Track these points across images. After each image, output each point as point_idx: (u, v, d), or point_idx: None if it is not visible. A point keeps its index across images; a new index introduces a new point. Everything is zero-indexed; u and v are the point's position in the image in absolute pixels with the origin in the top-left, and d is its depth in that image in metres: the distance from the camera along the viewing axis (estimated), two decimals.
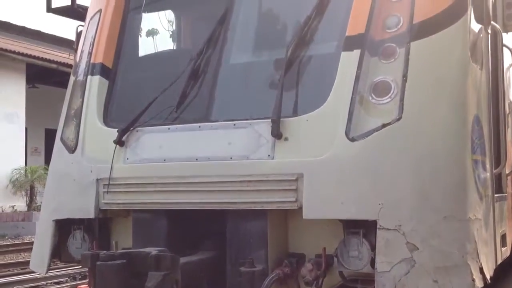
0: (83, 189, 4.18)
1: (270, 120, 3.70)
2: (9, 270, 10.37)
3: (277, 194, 3.63)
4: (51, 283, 9.03)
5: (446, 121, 3.56)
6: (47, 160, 17.52)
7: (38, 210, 16.32)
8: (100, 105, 4.43)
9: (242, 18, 4.39)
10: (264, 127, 3.74)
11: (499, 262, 4.18)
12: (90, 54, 4.60)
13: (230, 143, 3.84)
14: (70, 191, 4.27)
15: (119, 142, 4.14)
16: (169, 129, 4.08)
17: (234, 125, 3.87)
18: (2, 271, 10.13)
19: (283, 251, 3.80)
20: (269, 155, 3.70)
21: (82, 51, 4.74)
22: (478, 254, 3.50)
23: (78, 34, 5.02)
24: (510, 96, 5.16)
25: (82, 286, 5.18)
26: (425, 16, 3.63)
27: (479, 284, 3.46)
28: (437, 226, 3.38)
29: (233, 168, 3.78)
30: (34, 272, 6.73)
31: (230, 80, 4.25)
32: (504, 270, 5.07)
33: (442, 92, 3.59)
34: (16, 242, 14.83)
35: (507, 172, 4.75)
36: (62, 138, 4.48)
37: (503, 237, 4.42)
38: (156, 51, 5.11)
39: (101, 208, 4.15)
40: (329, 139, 3.56)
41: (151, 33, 4.98)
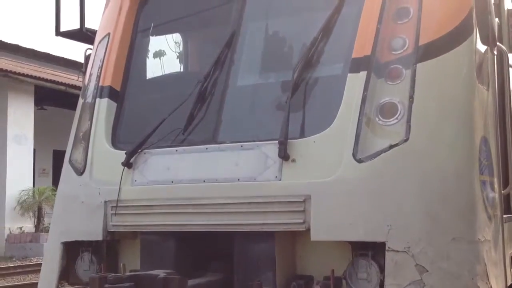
0: (91, 211, 4.19)
1: (277, 141, 3.71)
2: None
3: (284, 215, 3.62)
4: None
5: (453, 142, 3.56)
6: (55, 181, 17.60)
7: (46, 231, 16.32)
8: (108, 127, 4.46)
9: (248, 40, 4.44)
10: (271, 149, 3.75)
11: (509, 283, 4.14)
12: (98, 77, 4.65)
13: (238, 165, 3.85)
14: (78, 214, 4.28)
15: (127, 164, 4.16)
16: (176, 151, 4.10)
17: (241, 146, 3.88)
18: None
19: (291, 273, 3.78)
20: (276, 177, 3.71)
21: (90, 74, 4.79)
22: (487, 276, 3.47)
23: (87, 57, 5.07)
24: None
25: None
26: (430, 38, 3.66)
27: None
28: (446, 247, 3.36)
29: (240, 189, 3.78)
30: None
31: (237, 102, 4.28)
32: None
33: (449, 113, 3.60)
34: (23, 263, 14.82)
35: None
36: (70, 160, 4.51)
37: None
38: (163, 74, 5.16)
39: (109, 230, 4.16)
40: (336, 161, 3.57)
41: (159, 56, 5.03)
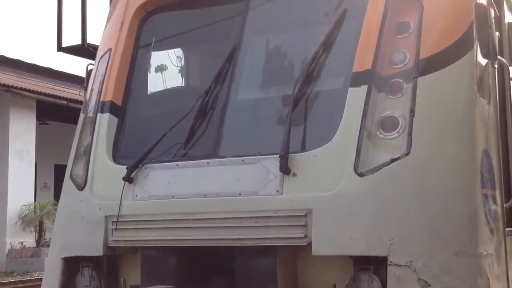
0: (92, 226, 4.18)
1: (278, 155, 3.71)
2: None
3: (286, 230, 3.61)
4: None
5: (455, 155, 3.55)
6: (56, 195, 17.57)
7: (47, 246, 16.29)
8: (109, 142, 4.46)
9: (249, 55, 4.45)
10: (272, 163, 3.75)
11: None
12: (100, 92, 4.66)
13: (239, 179, 3.84)
14: (78, 229, 4.26)
15: (128, 179, 4.15)
16: (177, 165, 4.10)
17: (243, 161, 3.88)
18: None
19: None
20: (277, 191, 3.70)
21: (92, 89, 4.80)
22: None
23: (88, 73, 5.09)
24: None
25: None
26: (431, 51, 3.66)
27: None
28: (448, 262, 3.34)
29: (241, 204, 3.77)
30: None
31: (238, 116, 4.28)
32: None
33: (451, 126, 3.60)
34: (24, 278, 14.77)
35: None
36: (71, 175, 4.50)
37: None
38: (164, 89, 5.17)
39: (109, 245, 4.13)
40: (337, 174, 3.56)
41: (160, 70, 5.05)
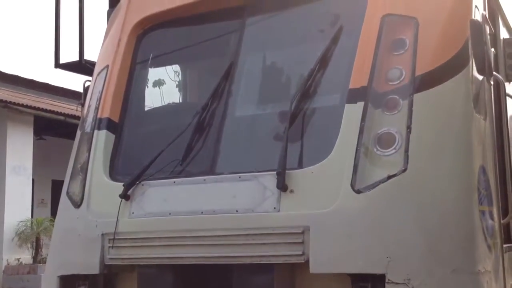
0: (88, 244, 4.15)
1: (275, 172, 3.70)
2: None
3: (283, 247, 3.59)
4: None
5: (452, 172, 3.55)
6: (53, 211, 17.49)
7: (43, 262, 16.17)
8: (106, 159, 4.45)
9: (246, 71, 4.46)
10: (269, 180, 3.74)
11: None
12: (97, 108, 4.66)
13: (235, 196, 3.83)
14: (75, 247, 4.24)
15: (125, 196, 4.14)
16: (174, 182, 4.09)
17: (239, 177, 3.87)
18: None
19: None
20: (274, 208, 3.69)
21: (89, 106, 4.80)
22: None
23: (86, 89, 5.10)
24: None
25: None
26: (427, 68, 3.68)
27: None
28: (446, 279, 3.32)
29: (238, 221, 3.76)
30: None
31: (235, 132, 4.28)
32: None
33: (447, 143, 3.60)
34: None
35: None
36: (68, 192, 4.49)
37: None
38: (161, 105, 5.18)
39: (106, 263, 4.11)
40: (335, 191, 3.55)
41: (157, 87, 5.06)
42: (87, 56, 5.79)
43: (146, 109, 5.04)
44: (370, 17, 3.90)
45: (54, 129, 19.50)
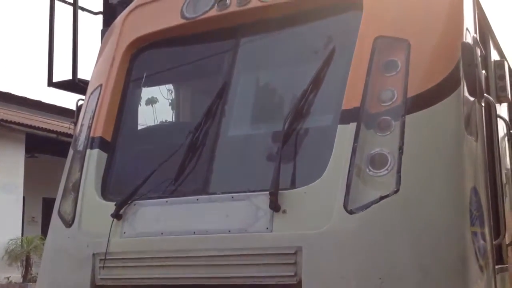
0: (79, 264, 4.12)
1: (268, 192, 3.70)
2: None
3: (275, 268, 3.58)
4: None
5: (443, 193, 3.56)
6: (44, 229, 17.38)
7: (33, 281, 16.01)
8: (98, 178, 4.43)
9: (239, 91, 4.48)
10: (262, 200, 3.74)
11: None
12: (89, 127, 4.66)
13: (228, 216, 3.82)
14: (65, 266, 4.21)
15: (116, 215, 4.12)
16: (166, 202, 4.07)
17: (232, 197, 3.86)
18: None
19: None
20: (267, 228, 3.68)
21: (82, 125, 4.80)
22: None
23: (78, 108, 5.09)
24: (507, 166, 5.18)
25: None
26: (418, 90, 3.70)
27: None
28: None
29: (231, 241, 3.75)
30: None
31: (228, 152, 4.28)
32: None
33: (439, 164, 3.61)
34: None
35: (507, 242, 4.70)
36: (59, 212, 4.46)
37: None
38: (154, 125, 5.18)
39: (97, 283, 4.07)
40: (327, 212, 3.55)
41: (150, 107, 5.07)
42: (80, 75, 5.81)
43: (139, 128, 5.04)
44: (362, 38, 3.94)
45: (46, 146, 19.47)
